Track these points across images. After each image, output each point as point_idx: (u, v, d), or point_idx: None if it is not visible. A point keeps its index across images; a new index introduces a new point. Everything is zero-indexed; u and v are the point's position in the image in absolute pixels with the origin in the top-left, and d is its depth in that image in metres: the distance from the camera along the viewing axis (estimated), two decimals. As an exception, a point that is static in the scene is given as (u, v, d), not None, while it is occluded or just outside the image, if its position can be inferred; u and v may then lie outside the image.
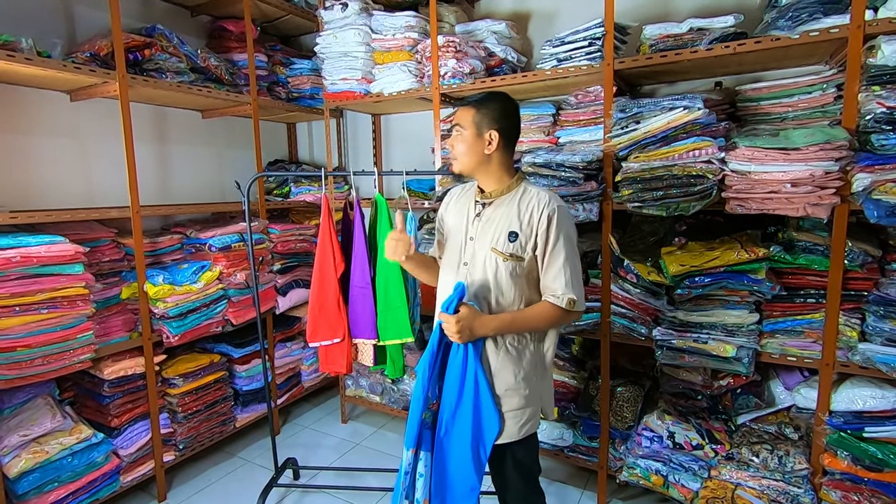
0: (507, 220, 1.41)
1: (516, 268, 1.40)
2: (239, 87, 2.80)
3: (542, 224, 1.37)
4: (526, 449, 1.48)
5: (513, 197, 1.44)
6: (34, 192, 2.28)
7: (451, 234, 1.54)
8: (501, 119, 1.41)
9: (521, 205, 1.41)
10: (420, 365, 1.44)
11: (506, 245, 1.39)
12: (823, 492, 1.80)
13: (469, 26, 2.58)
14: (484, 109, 1.40)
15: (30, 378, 1.88)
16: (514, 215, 1.41)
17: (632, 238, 2.31)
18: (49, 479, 1.94)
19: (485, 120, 1.40)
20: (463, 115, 1.42)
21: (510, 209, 1.42)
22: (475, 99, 1.43)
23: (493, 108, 1.40)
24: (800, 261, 1.82)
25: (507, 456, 1.47)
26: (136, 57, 2.26)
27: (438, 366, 1.42)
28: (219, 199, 3.14)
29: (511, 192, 1.45)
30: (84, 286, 2.01)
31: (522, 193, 1.44)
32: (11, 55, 1.82)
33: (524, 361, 1.43)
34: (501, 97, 1.44)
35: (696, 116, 1.79)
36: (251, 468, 2.62)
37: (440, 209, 1.64)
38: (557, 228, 1.37)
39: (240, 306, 2.61)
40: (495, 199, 1.45)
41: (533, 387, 1.45)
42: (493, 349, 1.41)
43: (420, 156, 3.08)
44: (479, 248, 1.43)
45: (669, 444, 2.02)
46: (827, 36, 1.69)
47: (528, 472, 1.51)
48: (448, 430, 1.40)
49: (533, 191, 1.44)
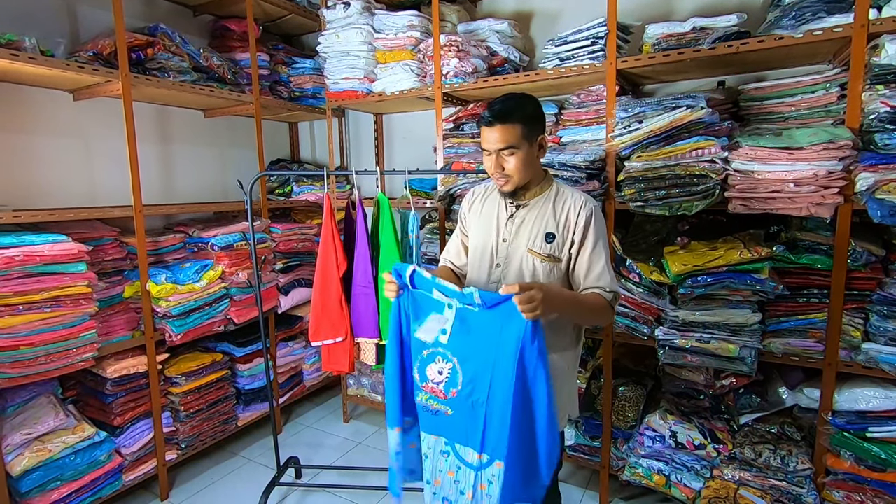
0: (543, 221, 1.40)
1: (554, 269, 1.39)
2: (241, 86, 2.80)
3: (580, 224, 1.37)
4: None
5: (547, 198, 1.43)
6: (37, 192, 2.29)
7: (479, 236, 1.50)
8: (540, 121, 1.40)
9: (557, 206, 1.40)
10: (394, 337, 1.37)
11: (543, 246, 1.39)
12: (826, 492, 1.79)
13: (471, 25, 2.58)
14: (525, 117, 1.34)
15: (33, 377, 1.89)
16: (549, 216, 1.40)
17: (634, 237, 2.30)
18: (52, 477, 1.94)
19: (532, 128, 1.36)
20: (509, 134, 1.33)
21: (545, 210, 1.41)
22: (511, 113, 1.33)
23: (533, 115, 1.37)
24: (803, 260, 1.82)
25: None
26: (139, 56, 2.26)
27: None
28: (221, 198, 3.15)
29: (545, 193, 1.44)
30: (87, 285, 2.02)
31: (557, 194, 1.43)
32: (15, 54, 1.82)
33: (560, 364, 1.40)
34: (529, 99, 1.39)
35: (699, 116, 1.78)
36: (253, 467, 2.62)
37: (462, 209, 1.61)
38: (595, 228, 1.37)
39: (242, 305, 2.61)
40: (529, 200, 1.44)
41: (562, 391, 1.40)
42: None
43: (422, 155, 3.08)
44: (514, 249, 1.42)
45: (672, 443, 2.02)
46: (830, 35, 1.69)
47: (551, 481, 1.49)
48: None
49: (566, 191, 1.43)
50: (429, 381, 1.34)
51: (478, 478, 1.29)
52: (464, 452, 1.32)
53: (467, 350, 1.28)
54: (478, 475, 1.29)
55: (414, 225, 2.24)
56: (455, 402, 1.31)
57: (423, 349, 1.34)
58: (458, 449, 1.32)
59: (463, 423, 1.30)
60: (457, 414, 1.31)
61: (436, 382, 1.33)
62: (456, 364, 1.30)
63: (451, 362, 1.31)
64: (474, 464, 1.29)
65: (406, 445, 1.43)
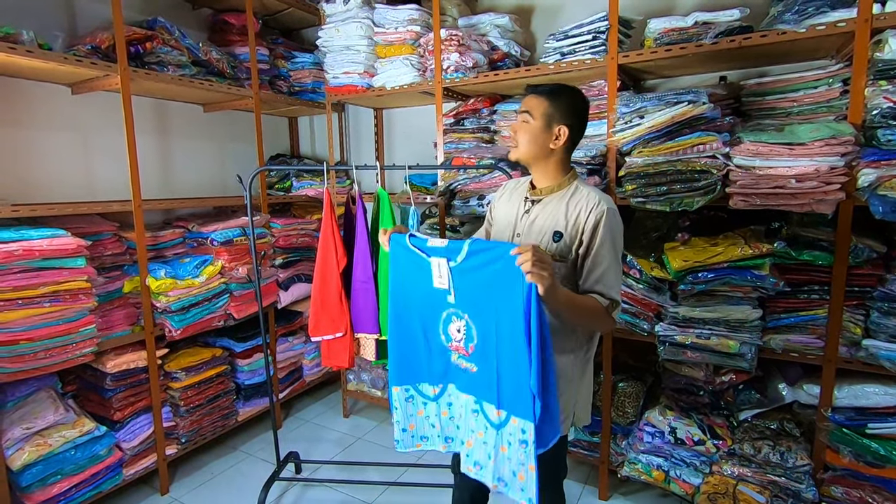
0: (554, 219, 1.37)
1: (560, 269, 1.36)
2: (241, 80, 2.79)
3: (589, 225, 1.32)
4: (555, 449, 1.41)
5: (563, 195, 1.40)
6: (36, 186, 2.28)
7: (500, 229, 1.52)
8: (573, 115, 1.37)
9: (570, 204, 1.37)
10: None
11: (549, 245, 1.36)
12: (825, 488, 1.80)
13: (472, 20, 2.57)
14: (557, 102, 1.35)
15: (32, 371, 1.89)
16: (560, 215, 1.37)
17: (635, 233, 2.30)
18: (52, 471, 1.95)
19: (557, 113, 1.35)
20: (534, 103, 1.37)
21: (558, 208, 1.38)
22: (549, 89, 1.38)
23: (567, 103, 1.37)
24: (804, 256, 1.81)
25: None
26: (138, 50, 2.25)
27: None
28: (220, 193, 3.14)
29: (562, 191, 1.41)
30: (86, 280, 2.01)
31: (573, 192, 1.39)
32: (13, 48, 1.81)
33: (568, 363, 1.40)
34: (576, 92, 1.40)
35: (701, 111, 1.78)
36: (253, 462, 2.63)
37: (493, 200, 1.61)
38: (604, 231, 1.32)
39: (242, 300, 2.61)
40: (545, 196, 1.42)
41: (568, 392, 1.41)
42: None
43: (422, 150, 3.07)
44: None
45: (671, 439, 2.02)
46: (833, 30, 1.68)
47: (553, 474, 1.49)
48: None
49: (584, 191, 1.39)
50: (453, 340, 1.37)
51: (499, 439, 1.28)
52: (489, 410, 1.31)
53: (474, 306, 1.30)
54: (499, 435, 1.28)
55: (414, 220, 2.23)
56: (476, 357, 1.33)
57: (442, 311, 1.37)
58: (485, 407, 1.32)
59: (485, 379, 1.31)
60: (480, 370, 1.32)
61: (458, 340, 1.36)
62: (468, 320, 1.32)
63: (464, 319, 1.33)
64: (495, 422, 1.29)
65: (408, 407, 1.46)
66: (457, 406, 1.42)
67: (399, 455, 2.64)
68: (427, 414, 1.47)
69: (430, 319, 1.40)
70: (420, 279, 1.38)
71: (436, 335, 1.41)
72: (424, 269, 1.36)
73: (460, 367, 1.38)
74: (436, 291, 1.36)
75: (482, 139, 2.61)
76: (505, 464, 1.27)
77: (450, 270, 1.31)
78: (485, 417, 1.32)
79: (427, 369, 1.44)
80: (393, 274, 1.44)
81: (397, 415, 1.46)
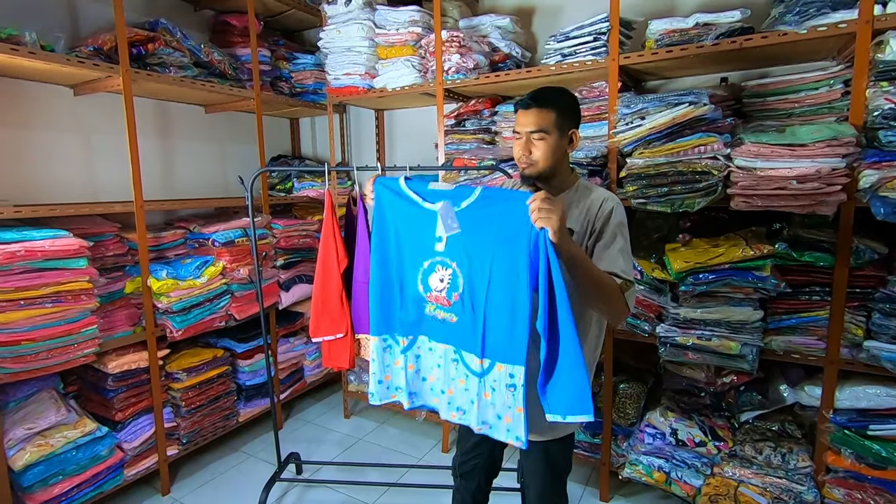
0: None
1: None
2: (242, 81, 2.79)
3: (602, 217, 1.34)
4: (562, 447, 1.46)
5: (569, 194, 1.42)
6: (38, 187, 2.29)
7: None
8: (575, 115, 1.41)
9: (581, 202, 1.39)
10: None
11: None
12: (827, 489, 1.79)
13: (473, 21, 2.57)
14: (562, 109, 1.37)
15: (34, 372, 1.89)
16: (570, 211, 1.37)
17: (636, 234, 2.29)
18: (54, 472, 1.95)
19: (566, 120, 1.37)
20: (542, 119, 1.35)
21: (567, 206, 1.37)
22: (550, 100, 1.36)
23: (570, 106, 1.39)
24: (805, 258, 1.81)
25: (543, 454, 1.44)
26: (140, 51, 2.25)
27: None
28: (222, 194, 3.14)
29: (569, 190, 1.43)
30: (88, 280, 2.02)
31: (578, 189, 1.42)
32: (15, 49, 1.82)
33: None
34: (568, 93, 1.42)
35: (702, 112, 1.78)
36: (254, 462, 2.63)
37: None
38: (615, 220, 1.34)
39: (243, 301, 2.61)
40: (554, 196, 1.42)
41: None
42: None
43: (423, 151, 3.07)
44: None
45: (672, 440, 2.02)
46: (835, 31, 1.68)
47: (560, 473, 1.49)
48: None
49: (590, 187, 1.42)
50: (432, 290, 1.36)
51: (481, 386, 1.30)
52: (469, 359, 1.32)
53: (465, 254, 1.30)
54: (481, 382, 1.30)
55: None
56: (458, 307, 1.33)
57: (424, 260, 1.36)
58: (465, 356, 1.33)
59: (467, 329, 1.31)
60: (461, 320, 1.32)
61: (438, 290, 1.35)
62: (455, 269, 1.32)
63: (451, 268, 1.33)
64: (477, 370, 1.30)
65: (385, 357, 1.45)
66: (428, 358, 1.41)
67: (400, 456, 2.64)
68: (402, 365, 1.46)
69: (410, 268, 1.39)
70: (406, 226, 1.39)
71: (413, 285, 1.40)
72: (413, 216, 1.37)
73: (437, 318, 1.37)
74: (420, 240, 1.36)
75: (483, 140, 2.61)
76: (489, 409, 1.29)
77: (455, 214, 1.29)
78: (465, 366, 1.33)
79: (399, 320, 1.43)
80: (377, 219, 1.43)
81: (374, 366, 1.45)
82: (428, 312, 1.39)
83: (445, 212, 1.31)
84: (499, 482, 1.74)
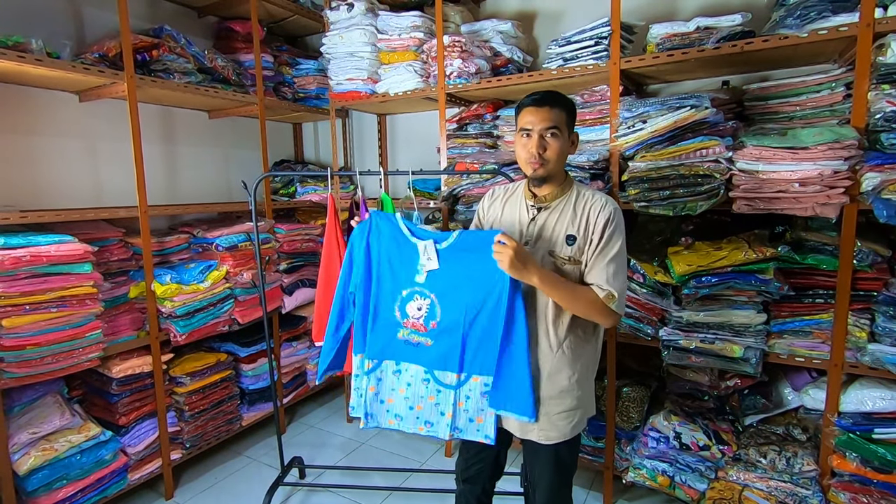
0: (564, 223, 1.39)
1: (574, 271, 1.38)
2: (245, 87, 2.81)
3: (599, 225, 1.35)
4: (570, 449, 1.48)
5: (567, 199, 1.42)
6: (44, 192, 2.31)
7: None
8: (575, 119, 1.43)
9: (578, 207, 1.39)
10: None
11: (563, 248, 1.38)
12: (832, 493, 1.78)
13: (475, 26, 2.58)
14: (568, 110, 1.39)
15: (39, 376, 1.90)
16: (570, 218, 1.39)
17: (638, 238, 2.30)
18: (58, 476, 1.96)
19: (571, 120, 1.40)
20: (557, 116, 1.36)
21: (566, 212, 1.40)
22: (558, 99, 1.38)
23: (574, 109, 1.42)
24: (808, 261, 1.81)
25: (553, 456, 1.46)
26: (144, 58, 2.27)
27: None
28: (225, 198, 3.16)
29: (566, 195, 1.42)
30: (93, 285, 2.03)
31: (577, 196, 1.42)
32: (22, 56, 1.83)
33: (579, 364, 1.42)
34: (566, 97, 1.42)
35: (704, 115, 1.78)
36: (257, 467, 2.63)
37: (482, 206, 1.60)
38: (612, 230, 1.36)
39: (246, 305, 2.62)
40: (550, 202, 1.43)
41: (585, 389, 1.45)
42: (547, 349, 1.40)
43: (425, 156, 3.08)
44: (535, 252, 1.40)
45: (676, 444, 2.01)
46: (836, 34, 1.68)
47: (567, 473, 1.52)
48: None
49: (588, 193, 1.42)
50: (409, 317, 1.51)
51: (457, 396, 1.47)
52: (442, 376, 1.49)
53: (445, 286, 1.46)
54: (457, 393, 1.47)
55: (417, 225, 2.23)
56: (435, 332, 1.48)
57: (402, 289, 1.51)
58: (437, 374, 1.49)
59: (442, 351, 1.47)
60: (436, 344, 1.48)
61: (416, 318, 1.50)
62: (434, 299, 1.48)
63: (429, 298, 1.48)
64: (453, 384, 1.47)
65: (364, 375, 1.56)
66: (390, 381, 1.54)
67: (403, 460, 2.64)
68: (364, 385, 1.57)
69: (387, 295, 1.53)
70: (391, 256, 1.52)
71: (388, 311, 1.53)
72: (401, 248, 1.51)
73: (411, 342, 1.51)
74: (401, 270, 1.51)
75: (485, 144, 2.62)
76: (462, 415, 1.48)
77: (437, 252, 1.46)
78: (437, 382, 1.50)
79: (369, 343, 1.55)
80: (363, 244, 1.55)
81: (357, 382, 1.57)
82: (400, 337, 1.52)
83: (429, 249, 1.47)
84: (501, 486, 1.74)
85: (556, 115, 1.35)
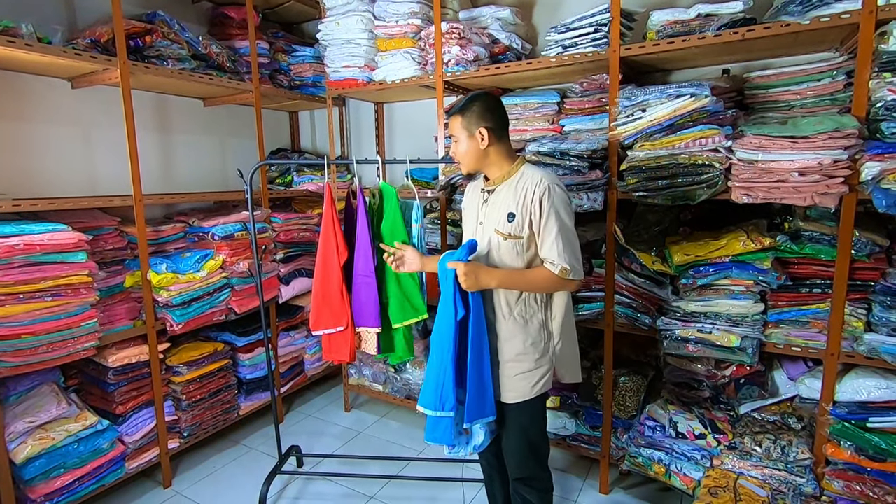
0: (507, 202, 1.53)
1: (516, 245, 1.52)
2: (241, 74, 2.77)
3: (535, 201, 1.48)
4: (531, 416, 1.59)
5: (512, 181, 1.55)
6: (37, 180, 2.28)
7: (467, 222, 1.70)
8: (486, 116, 1.54)
9: (518, 187, 1.53)
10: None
11: (505, 225, 1.52)
12: (826, 481, 1.80)
13: (473, 13, 2.55)
14: (468, 113, 1.54)
15: (35, 365, 1.89)
16: (511, 198, 1.53)
17: (636, 227, 2.29)
18: (55, 465, 1.96)
19: (472, 121, 1.54)
20: (452, 124, 1.57)
21: (509, 192, 1.54)
22: (459, 106, 1.57)
23: (476, 110, 1.54)
24: (806, 250, 1.81)
25: (517, 417, 1.57)
26: (138, 44, 2.24)
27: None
28: (221, 187, 3.14)
29: (511, 177, 1.56)
30: (87, 274, 2.01)
31: (520, 177, 1.55)
32: (12, 41, 1.80)
33: (531, 329, 1.55)
34: (482, 97, 1.56)
35: (703, 104, 1.76)
36: (255, 456, 2.64)
37: (461, 202, 1.78)
38: (549, 204, 1.47)
39: (243, 295, 2.61)
40: (498, 185, 1.58)
41: (542, 351, 1.56)
42: (502, 318, 1.55)
43: (423, 144, 3.06)
44: (486, 230, 1.57)
45: (672, 433, 2.03)
46: (838, 21, 1.66)
47: (533, 445, 1.59)
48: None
49: (529, 173, 1.54)
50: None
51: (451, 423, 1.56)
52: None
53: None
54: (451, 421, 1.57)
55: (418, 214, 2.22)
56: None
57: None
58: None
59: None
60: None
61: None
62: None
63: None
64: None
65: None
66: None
67: (401, 449, 2.65)
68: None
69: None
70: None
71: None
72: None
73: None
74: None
75: (483, 133, 2.59)
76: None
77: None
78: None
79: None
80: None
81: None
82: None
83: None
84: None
85: (451, 123, 1.58)
